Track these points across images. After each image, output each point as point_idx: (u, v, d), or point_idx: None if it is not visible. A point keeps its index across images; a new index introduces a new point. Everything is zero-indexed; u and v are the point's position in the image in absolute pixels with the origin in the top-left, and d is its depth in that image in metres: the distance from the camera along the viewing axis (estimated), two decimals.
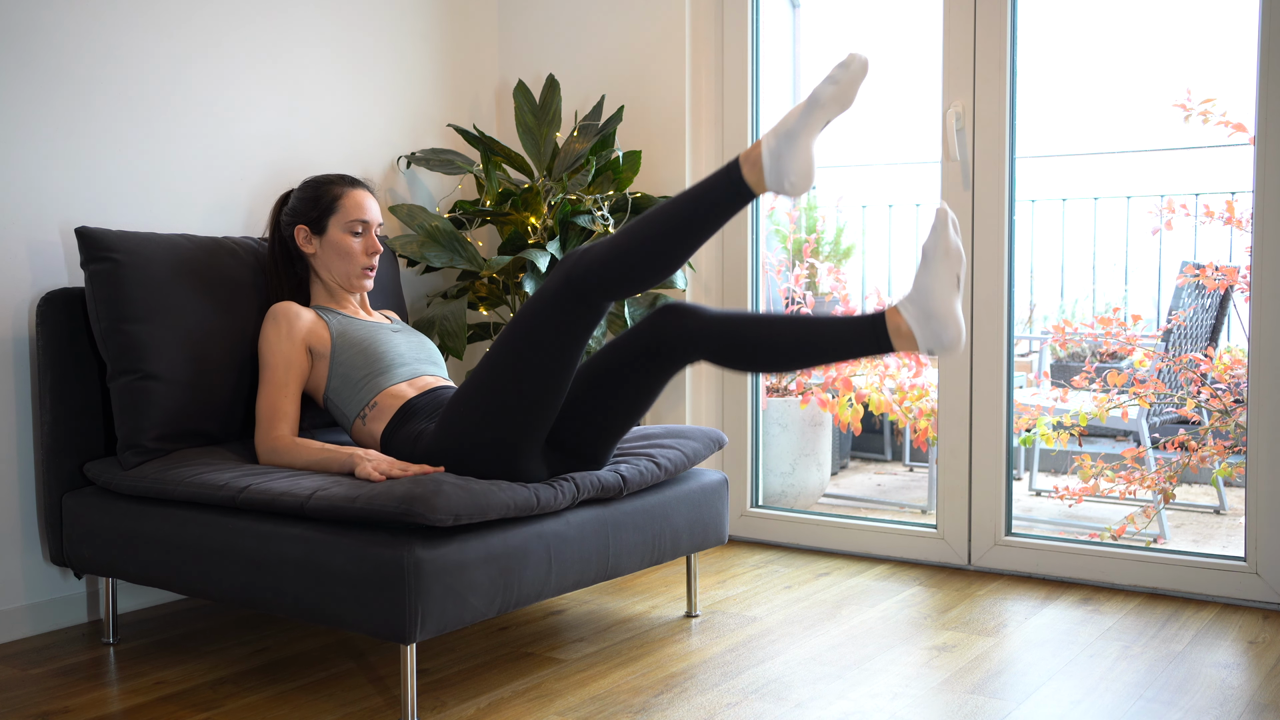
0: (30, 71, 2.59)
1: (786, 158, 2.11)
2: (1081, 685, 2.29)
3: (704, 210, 2.17)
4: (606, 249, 2.19)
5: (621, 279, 2.20)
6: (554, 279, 2.22)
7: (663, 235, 2.17)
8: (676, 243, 2.18)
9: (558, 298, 2.21)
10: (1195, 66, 4.95)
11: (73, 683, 2.34)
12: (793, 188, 2.13)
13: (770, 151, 2.12)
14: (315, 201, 2.61)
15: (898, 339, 2.16)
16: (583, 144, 3.23)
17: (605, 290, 2.20)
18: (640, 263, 2.19)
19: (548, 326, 2.22)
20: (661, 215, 2.18)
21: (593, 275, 2.18)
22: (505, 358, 2.25)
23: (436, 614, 2.04)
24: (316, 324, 2.55)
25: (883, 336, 2.16)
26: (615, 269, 2.18)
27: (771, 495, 4.10)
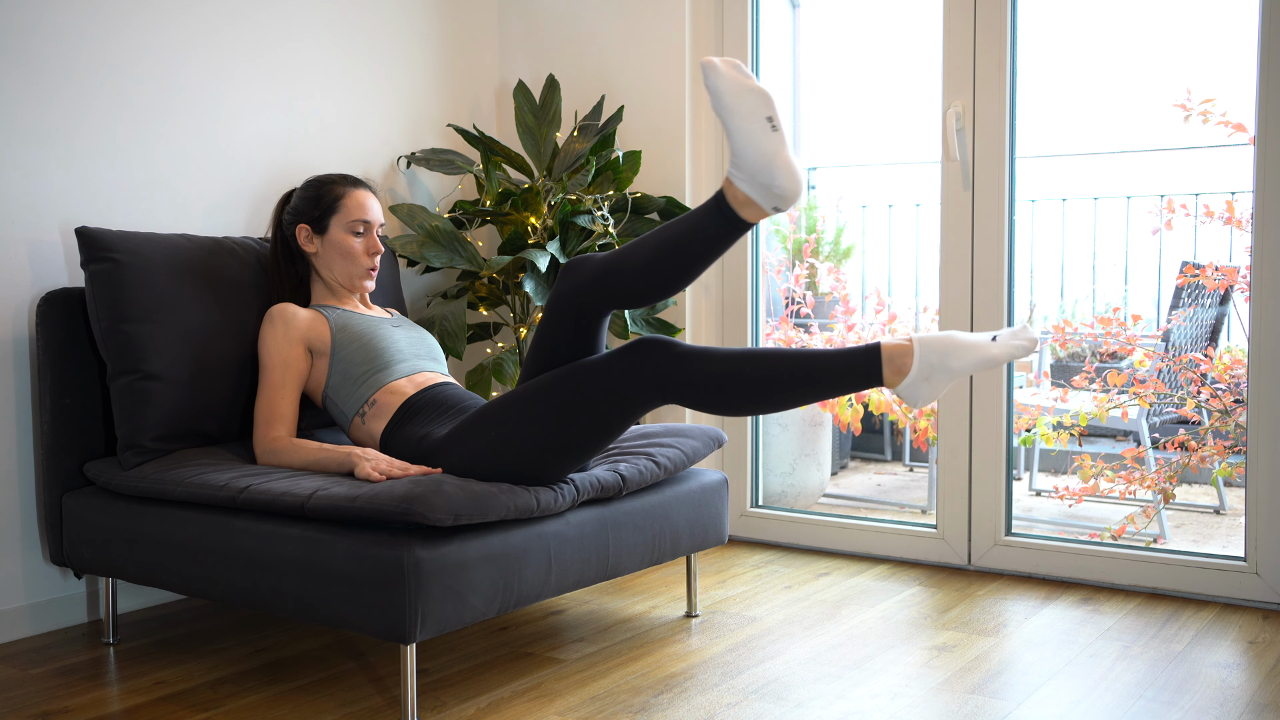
0: (30, 71, 2.59)
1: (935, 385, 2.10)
2: (1081, 685, 2.29)
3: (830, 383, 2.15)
4: (699, 361, 2.15)
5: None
6: (627, 367, 2.17)
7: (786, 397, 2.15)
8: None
9: (631, 384, 2.17)
10: (1195, 66, 4.95)
11: (73, 683, 2.34)
12: (922, 406, 2.14)
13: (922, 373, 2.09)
14: (317, 201, 2.61)
15: (742, 209, 2.07)
16: (583, 144, 3.23)
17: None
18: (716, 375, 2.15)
19: (613, 404, 2.19)
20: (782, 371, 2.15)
21: (674, 372, 2.15)
22: (562, 413, 2.20)
23: (436, 614, 2.04)
24: (316, 321, 2.55)
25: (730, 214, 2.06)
26: (692, 373, 2.16)
27: (771, 495, 4.10)
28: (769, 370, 2.15)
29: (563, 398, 2.19)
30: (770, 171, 2.02)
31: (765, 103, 2.02)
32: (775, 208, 2.06)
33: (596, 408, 2.19)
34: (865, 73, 5.64)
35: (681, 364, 2.15)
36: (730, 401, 2.18)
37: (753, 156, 2.02)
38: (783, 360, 2.16)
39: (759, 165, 2.02)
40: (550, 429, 2.20)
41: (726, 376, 2.15)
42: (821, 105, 5.75)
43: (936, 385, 2.10)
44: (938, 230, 3.15)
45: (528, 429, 2.20)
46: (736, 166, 2.05)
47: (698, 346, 2.19)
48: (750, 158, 2.02)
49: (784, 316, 4.74)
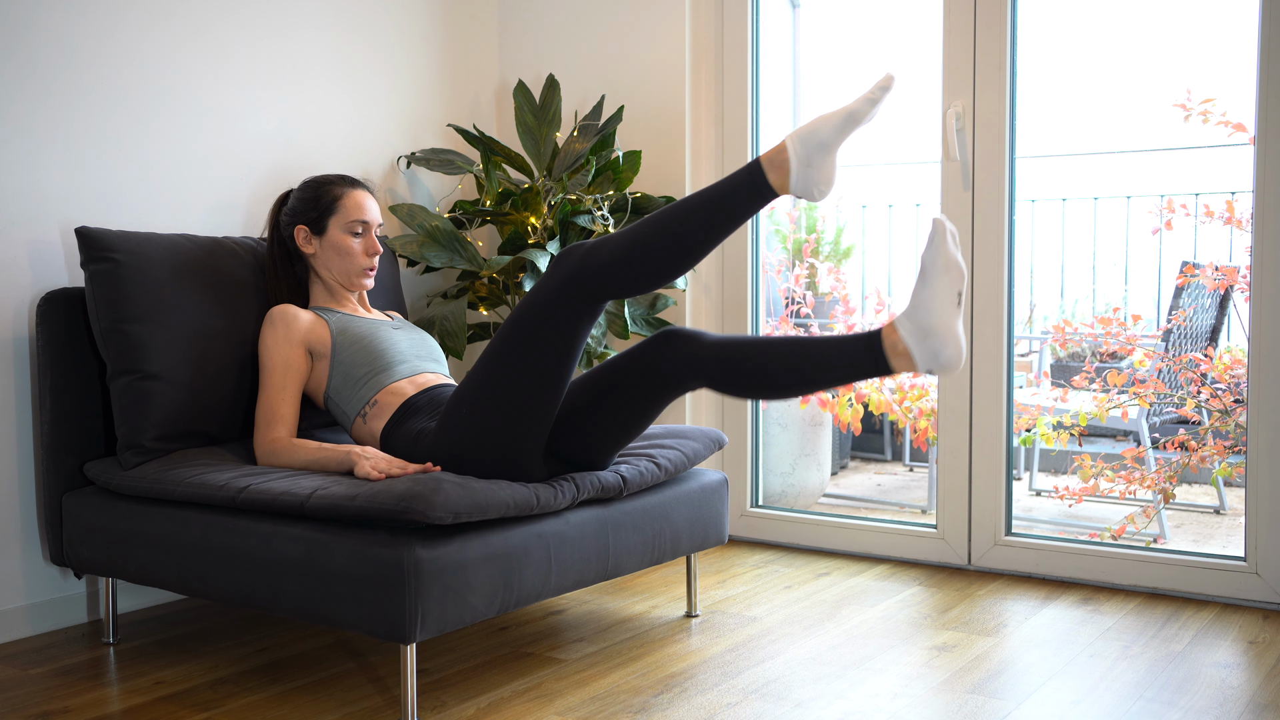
0: (30, 71, 2.59)
1: (817, 166, 2.12)
2: (1081, 685, 2.29)
3: (725, 210, 2.16)
4: (616, 248, 2.17)
5: (632, 279, 2.18)
6: (555, 277, 2.20)
7: (679, 235, 2.16)
8: (694, 243, 2.16)
9: (561, 296, 2.19)
10: (1195, 66, 4.94)
11: (73, 683, 2.34)
12: (820, 193, 2.14)
13: (800, 158, 2.11)
14: (315, 202, 2.61)
15: (895, 358, 2.11)
16: (583, 144, 3.23)
17: (613, 289, 2.19)
18: (654, 263, 2.17)
19: (549, 325, 2.20)
20: (677, 214, 2.17)
21: (602, 274, 2.16)
22: (505, 356, 2.23)
23: (436, 614, 2.04)
24: (316, 324, 2.55)
25: (879, 357, 2.11)
26: (627, 269, 2.17)
27: (771, 495, 4.09)
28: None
29: (507, 347, 2.23)
30: (943, 341, 2.07)
31: (963, 279, 2.08)
32: (929, 370, 2.10)
33: (545, 345, 2.21)
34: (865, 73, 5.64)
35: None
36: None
37: (934, 321, 2.07)
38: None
39: (935, 331, 2.07)
40: (508, 388, 2.22)
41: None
42: (821, 105, 5.74)
43: (820, 165, 2.12)
44: None
45: (493, 396, 2.23)
46: (911, 318, 2.08)
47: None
48: (931, 321, 2.07)
49: (784, 316, 4.74)
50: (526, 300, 2.25)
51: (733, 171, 2.17)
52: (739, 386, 2.23)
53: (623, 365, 2.29)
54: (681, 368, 2.23)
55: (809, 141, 2.12)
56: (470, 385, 2.28)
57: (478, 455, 2.24)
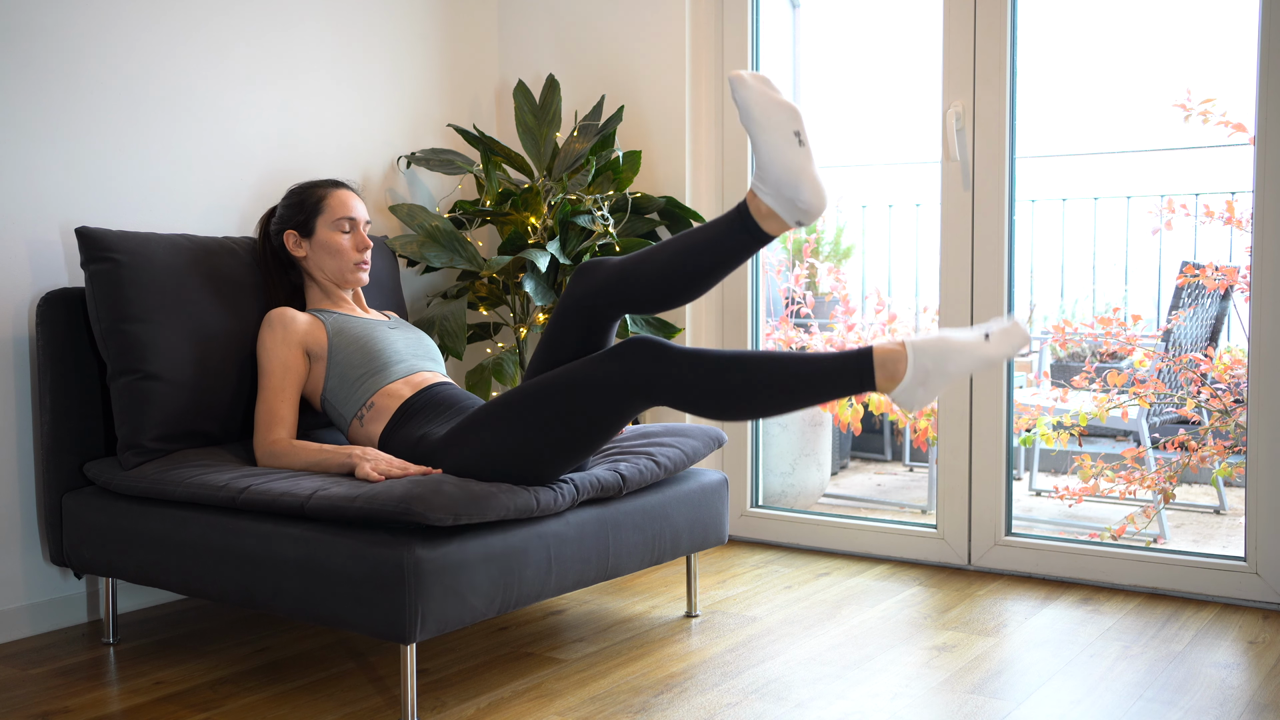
0: (30, 71, 2.59)
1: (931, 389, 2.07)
2: (1081, 685, 2.29)
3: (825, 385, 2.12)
4: (687, 364, 2.12)
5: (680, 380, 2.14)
6: (616, 369, 2.14)
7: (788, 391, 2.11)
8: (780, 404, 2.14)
9: (623, 391, 2.15)
10: (1195, 66, 4.95)
11: (73, 683, 2.34)
12: (917, 410, 2.12)
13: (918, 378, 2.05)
14: (300, 206, 2.62)
15: (765, 222, 2.08)
16: (583, 144, 3.23)
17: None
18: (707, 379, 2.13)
19: (603, 407, 2.17)
20: (785, 373, 2.12)
21: (666, 382, 2.12)
22: (545, 420, 2.18)
23: (436, 614, 2.04)
24: (313, 325, 2.55)
25: (753, 226, 2.07)
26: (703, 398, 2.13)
27: (771, 495, 4.10)
28: (756, 376, 2.11)
29: (551, 403, 2.18)
30: (795, 186, 2.02)
31: (793, 118, 2.02)
32: (799, 221, 2.07)
33: (582, 414, 2.17)
34: (865, 73, 5.64)
35: (667, 368, 2.12)
36: (716, 408, 2.15)
37: (778, 170, 2.02)
38: (772, 366, 2.12)
39: (784, 179, 2.02)
40: (539, 434, 2.19)
41: (711, 383, 2.11)
42: (821, 105, 5.75)
43: (932, 389, 2.06)
44: (938, 230, 3.15)
45: (519, 434, 2.20)
46: (761, 179, 2.05)
47: (687, 350, 2.15)
48: (775, 171, 2.03)
49: (784, 316, 4.74)
50: (585, 372, 2.17)
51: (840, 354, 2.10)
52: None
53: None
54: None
55: (934, 365, 2.05)
56: (499, 423, 2.23)
57: (486, 478, 2.22)
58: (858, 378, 2.09)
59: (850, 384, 2.10)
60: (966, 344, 2.06)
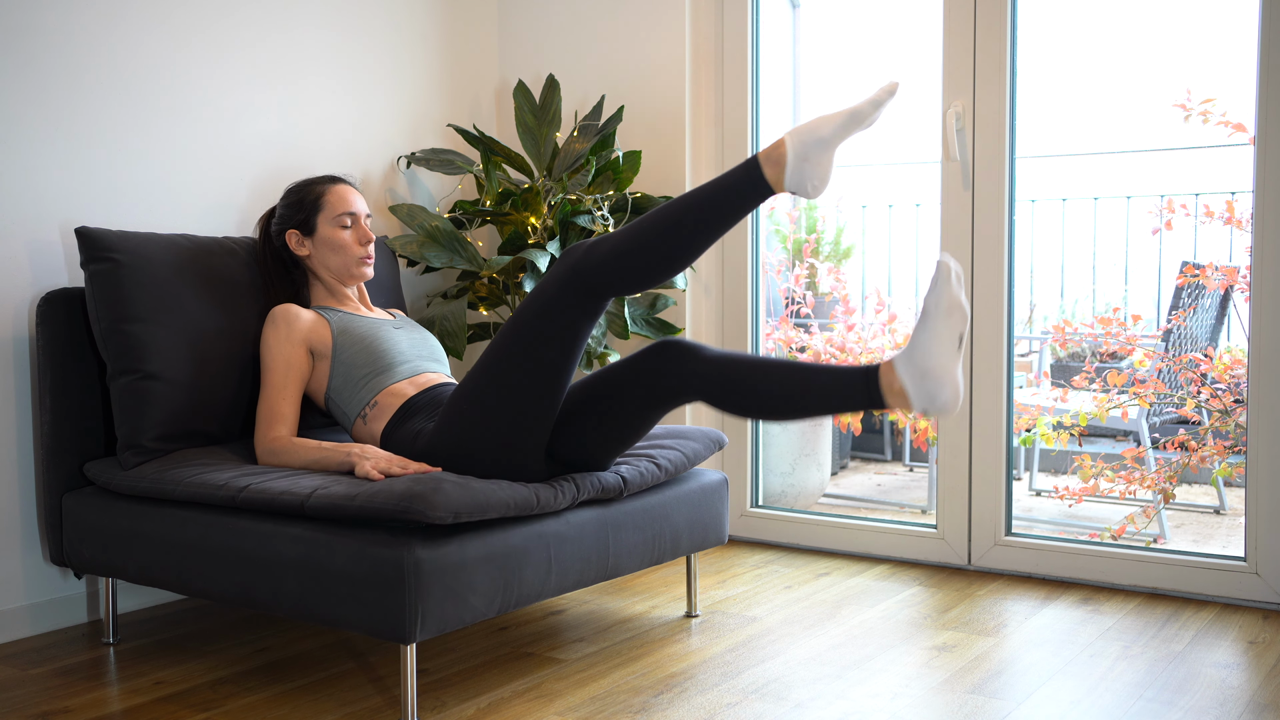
0: (30, 71, 2.59)
1: (813, 161, 2.11)
2: (1081, 685, 2.29)
3: (722, 205, 2.15)
4: (617, 244, 2.17)
5: (633, 274, 2.18)
6: (558, 275, 2.20)
7: (678, 230, 2.15)
8: (691, 238, 2.16)
9: (564, 293, 2.19)
10: (1195, 66, 4.95)
11: (73, 683, 2.34)
12: (814, 190, 2.13)
13: (797, 154, 2.11)
14: (300, 204, 2.62)
15: (890, 396, 2.10)
16: (583, 144, 3.23)
17: (615, 285, 2.19)
18: (654, 258, 2.16)
19: (553, 322, 2.20)
20: (676, 210, 2.16)
21: (604, 270, 2.16)
22: (508, 353, 2.23)
23: (436, 614, 2.04)
24: (317, 323, 2.55)
25: (875, 393, 2.11)
26: (627, 264, 2.16)
27: (771, 495, 4.10)
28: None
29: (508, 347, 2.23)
30: (939, 384, 2.06)
31: (965, 322, 2.07)
32: (924, 411, 2.09)
33: (548, 343, 2.21)
34: (865, 73, 5.64)
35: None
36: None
37: (933, 363, 2.06)
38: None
39: (933, 374, 2.06)
40: (510, 387, 2.22)
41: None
42: (821, 105, 5.75)
43: (817, 161, 2.11)
44: (938, 230, 3.16)
45: (495, 395, 2.23)
46: (909, 358, 2.07)
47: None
48: (930, 362, 2.06)
49: (784, 316, 4.74)
50: (528, 300, 2.25)
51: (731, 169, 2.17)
52: (733, 406, 2.22)
53: (622, 373, 2.29)
54: (679, 383, 2.22)
55: (808, 137, 2.11)
56: (471, 384, 2.28)
57: (478, 454, 2.24)
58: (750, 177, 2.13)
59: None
60: (836, 110, 2.14)
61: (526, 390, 2.22)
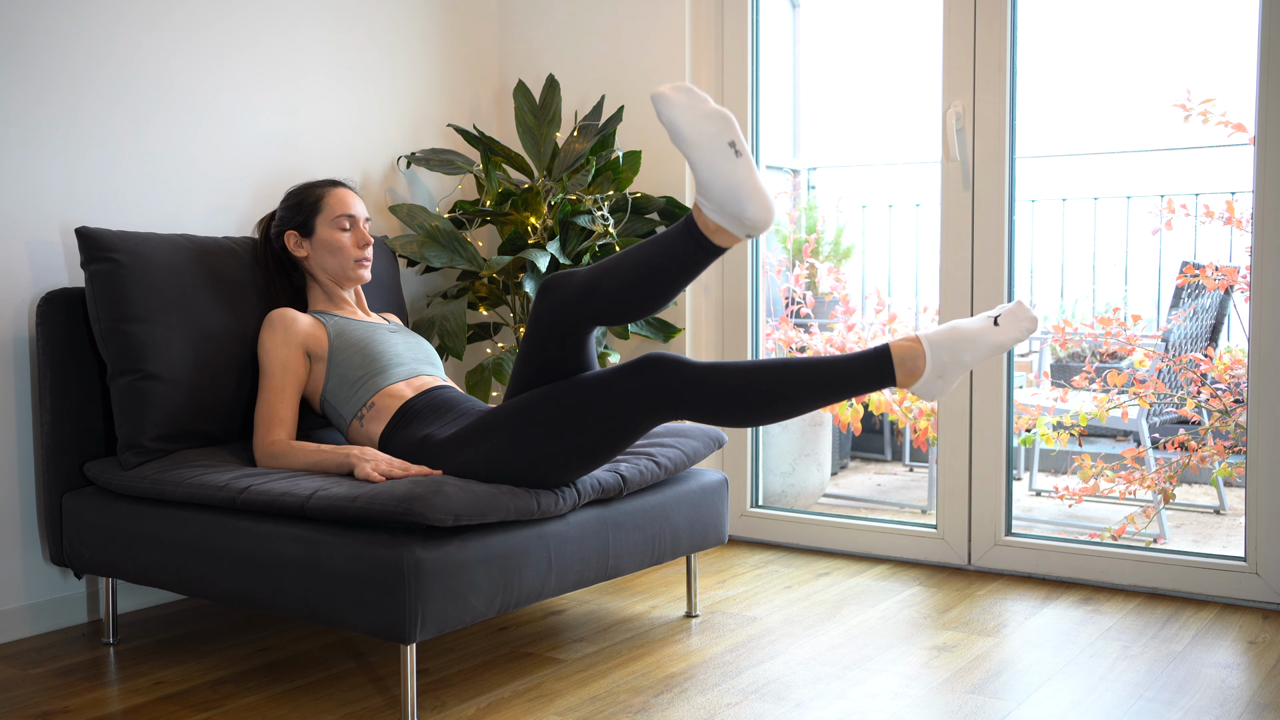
0: (30, 71, 2.59)
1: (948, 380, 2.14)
2: (1081, 685, 2.29)
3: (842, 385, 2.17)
4: (720, 383, 2.14)
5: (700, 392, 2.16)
6: (645, 391, 2.16)
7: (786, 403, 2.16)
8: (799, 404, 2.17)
9: (635, 404, 2.17)
10: (1195, 66, 4.95)
11: (73, 683, 2.34)
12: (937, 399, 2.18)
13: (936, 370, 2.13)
14: (299, 206, 2.63)
15: (716, 237, 2.04)
16: (583, 144, 3.23)
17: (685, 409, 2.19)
18: (759, 405, 2.16)
19: (617, 420, 2.18)
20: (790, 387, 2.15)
21: (690, 393, 2.14)
22: (552, 426, 2.19)
23: (436, 614, 2.04)
24: (314, 327, 2.55)
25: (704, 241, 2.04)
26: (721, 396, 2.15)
27: (771, 495, 4.10)
28: (780, 385, 2.15)
29: (566, 413, 2.19)
30: (739, 201, 1.98)
31: (726, 127, 1.97)
32: (748, 234, 2.04)
33: (599, 424, 2.18)
34: (865, 73, 5.65)
35: (692, 384, 2.15)
36: (741, 418, 2.19)
37: (719, 186, 1.98)
38: (793, 374, 2.16)
39: (727, 195, 1.98)
40: (551, 443, 2.19)
41: (737, 397, 2.15)
42: (821, 105, 5.75)
43: (950, 379, 2.14)
44: (938, 230, 3.16)
45: (529, 442, 2.20)
46: (704, 196, 2.01)
47: (706, 364, 2.18)
48: (717, 188, 1.98)
49: (784, 316, 4.74)
50: (600, 385, 2.19)
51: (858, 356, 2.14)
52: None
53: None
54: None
55: (950, 356, 2.11)
56: (509, 430, 2.22)
57: (494, 478, 2.22)
58: (878, 377, 2.14)
59: (871, 383, 2.16)
60: (977, 331, 2.12)
61: (564, 458, 2.21)
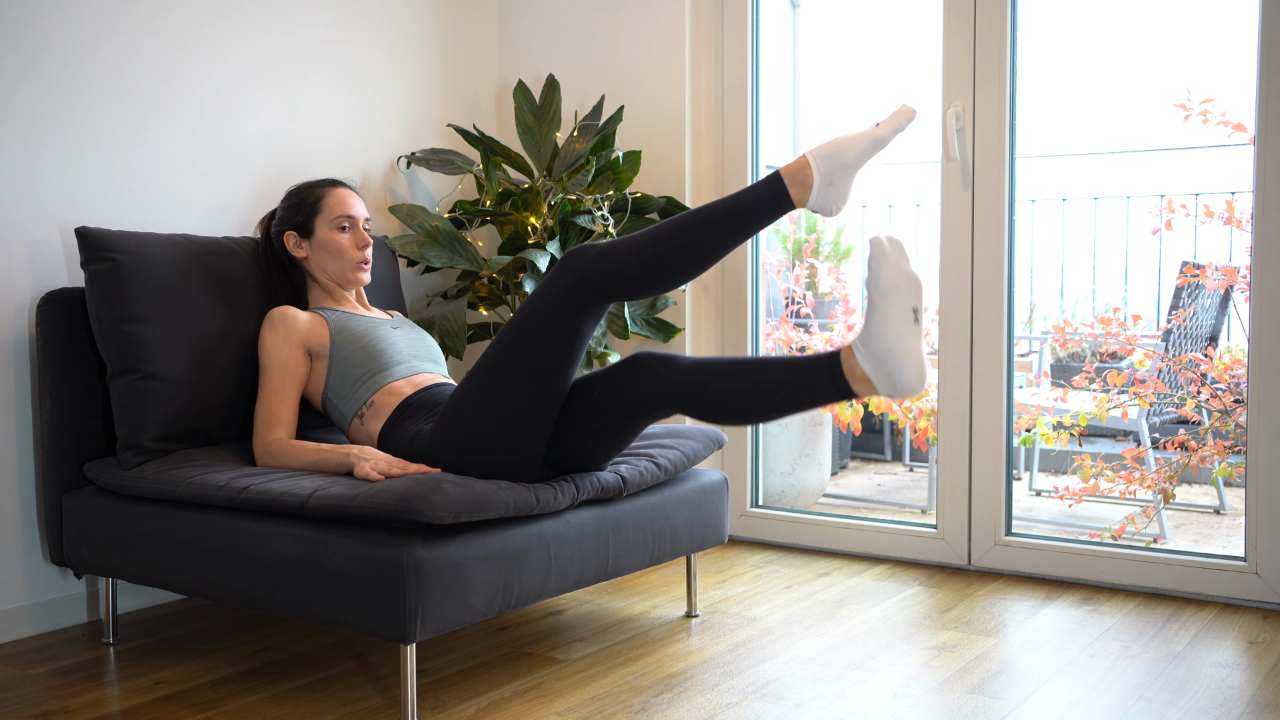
0: (30, 71, 2.59)
1: (838, 185, 2.16)
2: (1081, 685, 2.29)
3: (741, 219, 2.16)
4: (630, 251, 2.17)
5: (644, 281, 2.18)
6: (564, 281, 2.19)
7: (693, 240, 2.16)
8: (707, 248, 2.17)
9: (569, 297, 2.18)
10: (1195, 66, 4.95)
11: (73, 683, 2.34)
12: (835, 210, 2.18)
13: (823, 176, 2.15)
14: (299, 206, 2.63)
15: (856, 384, 2.08)
16: (583, 144, 3.23)
17: (622, 292, 2.19)
18: (667, 266, 2.17)
19: (555, 326, 2.20)
20: (692, 220, 2.17)
21: (614, 276, 2.16)
22: (510, 356, 2.23)
23: (436, 614, 2.04)
24: (315, 323, 2.55)
25: (843, 384, 2.09)
26: (638, 271, 2.16)
27: (771, 495, 4.10)
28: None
29: (509, 348, 2.23)
30: (900, 366, 2.03)
31: (916, 292, 2.04)
32: (890, 395, 2.07)
33: (550, 346, 2.21)
34: (865, 73, 5.64)
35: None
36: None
37: (887, 345, 2.03)
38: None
39: (890, 356, 2.03)
40: (511, 389, 2.22)
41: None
42: (821, 105, 5.75)
43: (841, 184, 2.17)
44: (938, 230, 3.16)
45: (495, 396, 2.23)
46: (865, 346, 2.06)
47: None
48: (884, 345, 2.04)
49: (784, 316, 4.74)
50: (530, 301, 2.24)
51: (751, 184, 2.20)
52: (707, 414, 2.22)
53: (596, 387, 2.27)
54: (651, 396, 2.22)
55: (833, 161, 2.15)
56: (471, 385, 2.27)
57: (477, 455, 2.24)
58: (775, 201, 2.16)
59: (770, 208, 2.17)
60: (858, 134, 2.18)
61: (529, 392, 2.22)
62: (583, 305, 2.19)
